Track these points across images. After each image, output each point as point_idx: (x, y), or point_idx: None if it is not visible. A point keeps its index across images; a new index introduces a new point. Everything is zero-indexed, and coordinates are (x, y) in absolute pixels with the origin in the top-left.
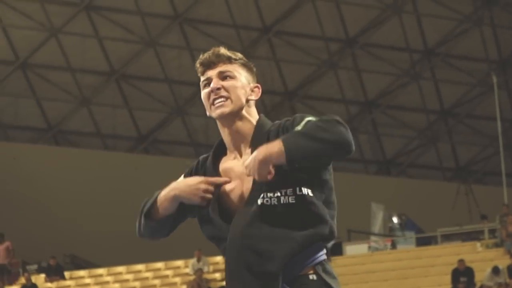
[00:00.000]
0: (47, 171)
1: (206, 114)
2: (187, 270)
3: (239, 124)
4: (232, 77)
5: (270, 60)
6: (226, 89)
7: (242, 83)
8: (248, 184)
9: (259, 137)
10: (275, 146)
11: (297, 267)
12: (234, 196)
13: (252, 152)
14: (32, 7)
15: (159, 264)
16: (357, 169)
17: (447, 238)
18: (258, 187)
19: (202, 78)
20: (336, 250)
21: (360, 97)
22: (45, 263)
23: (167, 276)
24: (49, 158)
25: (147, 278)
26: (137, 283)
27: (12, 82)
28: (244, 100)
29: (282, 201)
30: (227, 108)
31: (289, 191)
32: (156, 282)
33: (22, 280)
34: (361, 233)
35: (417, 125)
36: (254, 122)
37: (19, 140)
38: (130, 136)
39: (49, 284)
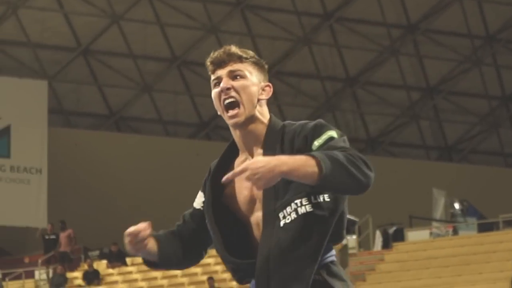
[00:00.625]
0: (109, 158)
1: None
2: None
3: (252, 126)
4: (242, 77)
5: (332, 47)
6: (236, 90)
7: (253, 82)
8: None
9: (272, 138)
10: (309, 166)
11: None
12: (244, 200)
13: (264, 153)
14: None
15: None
16: (418, 155)
17: (509, 224)
18: (269, 203)
19: (212, 77)
20: (398, 236)
21: (422, 83)
22: (106, 249)
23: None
24: (110, 145)
25: (208, 264)
26: (198, 269)
27: (74, 68)
28: (255, 101)
29: (300, 212)
30: (241, 117)
31: (304, 200)
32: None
33: (84, 266)
34: (423, 219)
35: (478, 111)
36: (266, 122)
37: (81, 126)
38: (192, 122)
39: (110, 270)
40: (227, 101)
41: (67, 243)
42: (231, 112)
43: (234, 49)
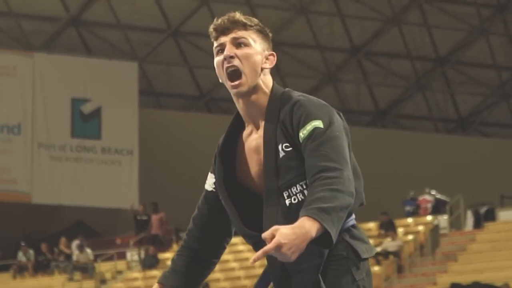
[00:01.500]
0: (199, 139)
1: (358, 80)
2: None
3: (254, 96)
4: (246, 44)
5: (422, 26)
6: (239, 58)
7: (257, 50)
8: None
9: (273, 109)
10: (312, 231)
11: None
12: (255, 174)
13: (265, 124)
14: None
15: None
16: (510, 134)
17: None
18: (271, 179)
19: (215, 44)
20: (489, 216)
21: None
22: None
23: None
24: (201, 126)
25: None
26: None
27: (164, 50)
28: (258, 70)
29: (306, 193)
30: (244, 87)
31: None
32: None
33: (176, 247)
34: None
35: None
36: (269, 92)
37: (171, 107)
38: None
39: None
40: (230, 69)
41: (158, 226)
42: (234, 82)
43: (238, 16)
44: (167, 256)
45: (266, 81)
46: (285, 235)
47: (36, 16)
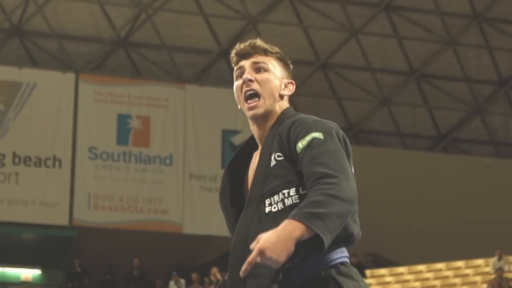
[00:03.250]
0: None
1: (506, 112)
2: (488, 269)
3: (270, 122)
4: (266, 70)
5: None
6: (259, 82)
7: (276, 76)
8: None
9: (275, 126)
10: (297, 231)
11: (308, 269)
12: (245, 193)
13: (266, 139)
14: (332, 8)
15: (460, 263)
16: None
17: None
18: (257, 186)
19: (235, 68)
20: None
21: None
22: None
23: (467, 275)
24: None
25: (447, 277)
26: (437, 282)
27: (314, 82)
28: (277, 95)
29: (286, 204)
30: (261, 109)
31: (292, 191)
32: (457, 281)
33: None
34: None
35: None
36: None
37: None
38: (430, 135)
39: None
40: (248, 92)
41: None
42: (250, 103)
43: (260, 42)
44: None
45: (283, 106)
46: (266, 240)
47: (188, 49)
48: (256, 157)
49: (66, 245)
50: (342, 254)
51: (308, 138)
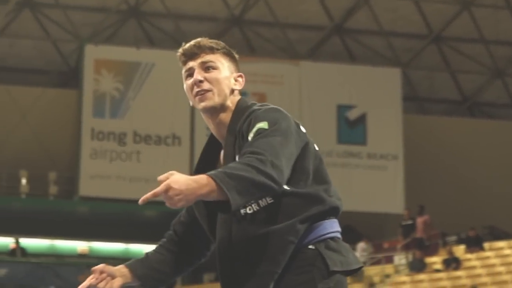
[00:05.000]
0: (463, 143)
1: None
2: None
3: (223, 115)
4: (214, 68)
5: None
6: (209, 81)
7: (225, 74)
8: None
9: (233, 124)
10: (204, 189)
11: (297, 243)
12: None
13: (227, 140)
14: None
15: None
16: None
17: None
18: None
19: (184, 69)
20: None
21: None
22: (464, 234)
23: None
24: (464, 130)
25: None
26: None
27: (427, 55)
28: (228, 92)
29: (261, 205)
30: (211, 101)
31: None
32: None
33: (442, 252)
34: None
35: None
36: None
37: (434, 112)
38: None
39: (468, 255)
40: (200, 93)
41: (423, 229)
42: (200, 96)
43: (205, 41)
44: (434, 260)
45: (235, 101)
46: (176, 181)
47: (301, 25)
48: (221, 157)
49: None
50: (332, 229)
51: (254, 129)
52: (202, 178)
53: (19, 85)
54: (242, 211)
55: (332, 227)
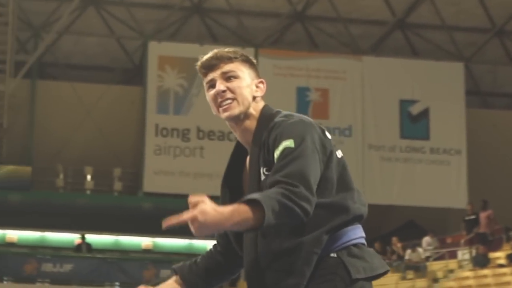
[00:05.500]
0: None
1: None
2: None
3: (247, 122)
4: (236, 77)
5: None
6: (231, 91)
7: (247, 81)
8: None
9: (258, 135)
10: (253, 219)
11: (319, 256)
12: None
13: (252, 150)
14: None
15: None
16: None
17: None
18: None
19: (205, 80)
20: None
21: None
22: None
23: None
24: None
25: None
26: None
27: (490, 49)
28: (250, 99)
29: None
30: (235, 109)
31: None
32: None
33: (506, 247)
34: None
35: None
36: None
37: (497, 106)
38: None
39: None
40: (224, 103)
41: (486, 224)
42: (224, 105)
43: (222, 51)
44: (498, 255)
45: (258, 108)
46: (204, 212)
47: (364, 20)
48: (247, 163)
49: None
50: (355, 236)
51: (280, 148)
52: (231, 211)
53: (84, 82)
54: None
55: (355, 233)
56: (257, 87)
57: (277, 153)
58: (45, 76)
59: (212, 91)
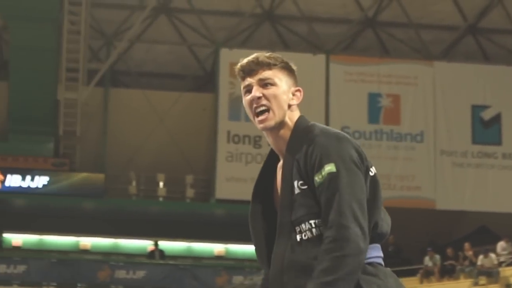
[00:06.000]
0: None
1: None
2: None
3: (282, 131)
4: (272, 84)
5: None
6: (267, 98)
7: (283, 89)
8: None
9: (294, 144)
10: None
11: None
12: (277, 205)
13: (286, 160)
14: None
15: None
16: None
17: None
18: (286, 213)
19: (242, 84)
20: None
21: None
22: None
23: None
24: None
25: None
26: None
27: None
28: (286, 107)
29: (314, 233)
30: (271, 121)
31: (318, 221)
32: None
33: None
34: None
35: None
36: (292, 127)
37: None
38: None
39: None
40: (258, 109)
41: None
42: (260, 117)
43: (262, 57)
44: None
45: (293, 117)
46: None
47: (435, 25)
48: (279, 171)
49: None
50: (371, 255)
51: (323, 173)
52: None
53: (156, 90)
54: (298, 236)
55: (371, 253)
56: (293, 95)
57: (319, 177)
58: (118, 84)
59: (248, 96)
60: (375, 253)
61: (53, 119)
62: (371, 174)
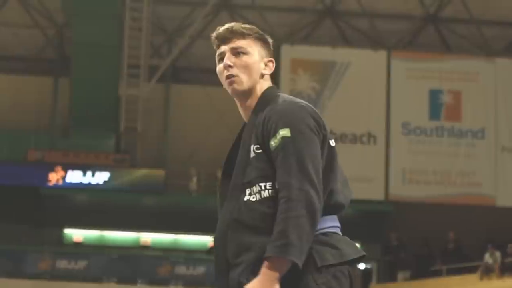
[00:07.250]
0: None
1: None
2: None
3: (249, 101)
4: (245, 53)
5: None
6: (238, 67)
7: (255, 59)
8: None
9: (255, 113)
10: (278, 269)
11: None
12: None
13: (246, 128)
14: None
15: None
16: None
17: None
18: (239, 175)
19: (217, 52)
20: None
21: None
22: None
23: None
24: None
25: None
26: None
27: None
28: (257, 76)
29: (263, 196)
30: (239, 86)
31: (268, 185)
32: None
33: None
34: None
35: None
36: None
37: None
38: None
39: None
40: (228, 78)
41: None
42: (228, 80)
43: (237, 26)
44: None
45: (263, 86)
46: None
47: (497, 21)
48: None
49: (382, 219)
50: (326, 225)
51: (278, 136)
52: (266, 269)
53: (217, 86)
54: (246, 198)
55: (326, 223)
56: (266, 65)
57: (274, 141)
58: (179, 80)
59: (221, 64)
60: (330, 223)
61: (115, 115)
62: (331, 144)
